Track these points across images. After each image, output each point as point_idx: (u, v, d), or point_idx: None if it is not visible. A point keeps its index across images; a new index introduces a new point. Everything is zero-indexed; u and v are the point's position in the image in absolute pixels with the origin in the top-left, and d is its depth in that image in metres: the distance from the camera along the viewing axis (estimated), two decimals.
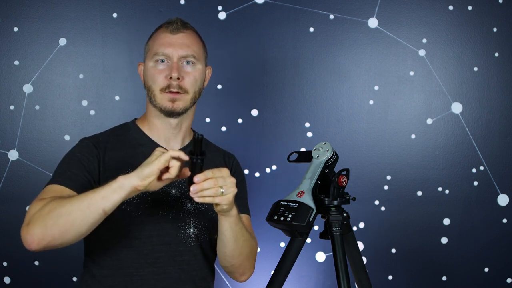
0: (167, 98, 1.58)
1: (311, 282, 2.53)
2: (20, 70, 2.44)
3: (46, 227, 1.33)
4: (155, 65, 1.60)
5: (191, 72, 1.61)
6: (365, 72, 2.53)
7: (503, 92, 2.55)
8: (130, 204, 1.55)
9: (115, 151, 1.60)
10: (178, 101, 1.59)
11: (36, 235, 1.33)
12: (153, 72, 1.60)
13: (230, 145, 2.47)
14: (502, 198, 2.55)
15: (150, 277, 1.55)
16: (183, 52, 1.60)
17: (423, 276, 2.55)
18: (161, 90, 1.58)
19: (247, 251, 1.60)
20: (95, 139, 1.62)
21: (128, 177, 1.31)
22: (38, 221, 1.34)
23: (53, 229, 1.33)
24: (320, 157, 1.61)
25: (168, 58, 1.59)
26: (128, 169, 1.56)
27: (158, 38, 1.62)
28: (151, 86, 1.60)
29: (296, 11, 2.51)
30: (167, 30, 1.62)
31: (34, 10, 2.44)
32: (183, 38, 1.61)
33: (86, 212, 1.32)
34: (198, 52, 1.63)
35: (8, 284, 2.44)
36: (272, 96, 2.52)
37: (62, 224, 1.32)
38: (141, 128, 1.67)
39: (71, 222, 1.32)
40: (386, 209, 2.54)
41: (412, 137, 2.54)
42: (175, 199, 1.60)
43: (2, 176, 2.44)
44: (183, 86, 1.59)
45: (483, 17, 2.53)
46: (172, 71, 1.57)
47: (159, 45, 1.60)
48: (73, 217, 1.32)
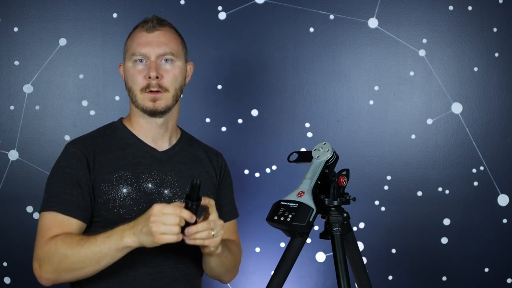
0: (147, 98, 1.58)
1: (311, 282, 2.53)
2: (20, 70, 2.44)
3: (59, 274, 1.45)
4: (133, 65, 1.59)
5: (170, 70, 1.60)
6: (365, 72, 2.53)
7: (503, 92, 2.55)
8: (122, 207, 1.55)
9: (104, 154, 1.59)
10: (159, 100, 1.58)
11: (50, 279, 1.47)
12: (132, 72, 1.59)
13: (230, 145, 2.47)
14: (502, 198, 2.55)
15: (145, 277, 1.55)
16: (160, 50, 1.58)
17: (423, 276, 2.55)
18: (141, 90, 1.58)
19: (231, 265, 1.67)
20: (83, 143, 1.60)
21: (137, 241, 1.39)
22: (51, 266, 1.45)
23: (66, 276, 1.46)
24: (320, 157, 1.61)
25: (146, 57, 1.58)
26: (118, 171, 1.56)
27: (135, 37, 1.61)
28: (131, 87, 1.60)
29: (296, 11, 2.51)
30: (143, 29, 1.61)
31: (34, 10, 2.44)
32: (160, 36, 1.60)
33: (97, 266, 1.43)
34: (176, 49, 1.62)
35: (8, 284, 2.44)
36: (272, 96, 2.52)
37: (75, 273, 1.45)
38: (128, 127, 1.66)
39: (83, 272, 1.45)
40: (386, 209, 2.54)
41: (412, 137, 2.54)
42: (168, 199, 1.60)
43: (2, 176, 2.44)
44: (162, 85, 1.58)
45: (483, 17, 2.53)
46: (150, 71, 1.56)
47: (137, 45, 1.59)
48: (85, 270, 1.44)
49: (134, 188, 1.56)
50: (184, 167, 1.66)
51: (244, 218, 1.91)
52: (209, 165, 1.72)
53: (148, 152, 1.63)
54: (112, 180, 1.56)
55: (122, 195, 1.55)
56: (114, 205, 1.54)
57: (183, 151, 1.69)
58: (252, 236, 2.46)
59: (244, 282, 2.49)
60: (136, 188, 1.57)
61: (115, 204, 1.55)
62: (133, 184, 1.57)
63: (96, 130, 1.69)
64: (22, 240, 2.41)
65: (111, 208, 1.55)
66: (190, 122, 2.23)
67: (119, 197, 1.55)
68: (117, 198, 1.55)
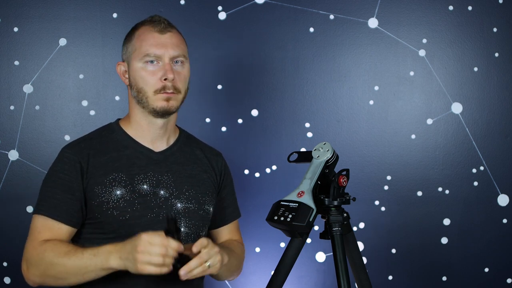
0: (162, 98, 1.57)
1: (311, 282, 2.53)
2: (20, 70, 2.44)
3: (44, 279, 1.50)
4: (145, 66, 1.58)
5: (182, 72, 1.61)
6: (365, 72, 2.53)
7: (503, 92, 2.55)
8: (116, 209, 1.55)
9: (99, 156, 1.59)
10: (172, 101, 1.59)
11: (36, 282, 1.53)
12: (143, 73, 1.58)
13: (230, 145, 2.47)
14: (502, 198, 2.55)
15: (143, 278, 1.54)
16: (174, 53, 1.59)
17: (423, 276, 2.55)
18: (155, 92, 1.57)
19: (236, 268, 1.71)
20: (78, 147, 1.61)
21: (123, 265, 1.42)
22: (38, 271, 1.50)
23: (51, 282, 1.51)
24: (320, 157, 1.61)
25: (159, 59, 1.58)
26: (112, 174, 1.57)
27: (146, 38, 1.60)
28: (142, 88, 1.58)
29: (296, 11, 2.51)
30: (155, 30, 1.60)
31: (34, 10, 2.44)
32: (172, 38, 1.61)
33: (81, 278, 1.47)
34: (186, 50, 1.64)
35: (8, 284, 2.44)
36: (272, 96, 2.52)
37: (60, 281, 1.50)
38: (125, 129, 1.65)
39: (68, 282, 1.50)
40: (386, 209, 2.54)
41: (412, 137, 2.54)
42: (164, 200, 1.59)
43: (2, 176, 2.44)
44: (177, 87, 1.58)
45: (483, 17, 2.53)
46: (167, 73, 1.56)
47: (149, 46, 1.58)
48: (69, 281, 1.49)
49: (129, 190, 1.56)
50: (181, 167, 1.65)
51: (244, 218, 1.91)
52: (208, 165, 1.72)
53: (144, 153, 1.63)
54: (105, 183, 1.56)
55: (116, 197, 1.55)
56: (107, 207, 1.55)
57: (181, 151, 1.68)
58: (252, 236, 2.46)
59: (244, 282, 2.49)
60: (131, 189, 1.56)
61: (108, 206, 1.55)
62: (128, 186, 1.56)
63: (94, 132, 1.69)
64: (22, 240, 2.37)
65: (104, 210, 1.55)
66: (190, 122, 2.23)
67: (112, 199, 1.55)
68: (111, 200, 1.55)
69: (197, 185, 1.65)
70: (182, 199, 1.61)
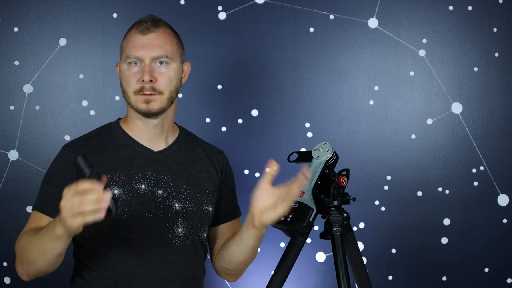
0: (141, 100, 1.57)
1: (311, 282, 2.53)
2: (20, 70, 2.44)
3: (24, 267, 1.49)
4: (128, 67, 1.59)
5: (165, 73, 1.58)
6: (365, 72, 2.53)
7: (503, 92, 2.55)
8: None
9: (96, 155, 1.58)
10: (153, 102, 1.57)
11: (23, 274, 1.52)
12: (126, 74, 1.59)
13: (230, 145, 2.47)
14: (502, 198, 2.55)
15: (140, 279, 1.54)
16: (155, 53, 1.57)
17: (423, 276, 2.55)
18: (134, 93, 1.57)
19: (251, 258, 1.65)
20: (76, 145, 1.61)
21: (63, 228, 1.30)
22: (19, 259, 1.50)
23: (29, 269, 1.48)
24: (320, 157, 1.61)
25: (140, 60, 1.57)
26: (110, 173, 1.56)
27: (130, 39, 1.60)
28: (125, 89, 1.60)
29: (296, 11, 2.51)
30: (138, 31, 1.60)
31: (34, 10, 2.44)
32: (154, 38, 1.59)
33: (44, 258, 1.41)
34: (171, 50, 1.60)
35: (8, 284, 2.44)
36: (272, 96, 2.52)
37: (32, 266, 1.46)
38: (124, 128, 1.65)
39: (38, 266, 1.45)
40: (386, 209, 2.54)
41: (412, 137, 2.54)
42: (161, 200, 1.59)
43: (2, 176, 2.44)
44: (157, 88, 1.57)
45: (483, 17, 2.53)
46: (144, 75, 1.55)
47: (131, 48, 1.58)
48: (39, 264, 1.44)
49: (126, 189, 1.56)
50: (181, 166, 1.65)
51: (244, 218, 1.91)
52: (208, 163, 1.71)
53: (143, 152, 1.62)
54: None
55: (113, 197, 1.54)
56: None
57: (180, 150, 1.68)
58: None
59: (244, 282, 2.49)
60: (128, 189, 1.56)
61: None
62: (125, 185, 1.56)
63: (94, 131, 1.69)
64: None
65: None
66: (190, 122, 2.23)
67: None
68: None
69: (196, 184, 1.65)
70: (180, 199, 1.60)
